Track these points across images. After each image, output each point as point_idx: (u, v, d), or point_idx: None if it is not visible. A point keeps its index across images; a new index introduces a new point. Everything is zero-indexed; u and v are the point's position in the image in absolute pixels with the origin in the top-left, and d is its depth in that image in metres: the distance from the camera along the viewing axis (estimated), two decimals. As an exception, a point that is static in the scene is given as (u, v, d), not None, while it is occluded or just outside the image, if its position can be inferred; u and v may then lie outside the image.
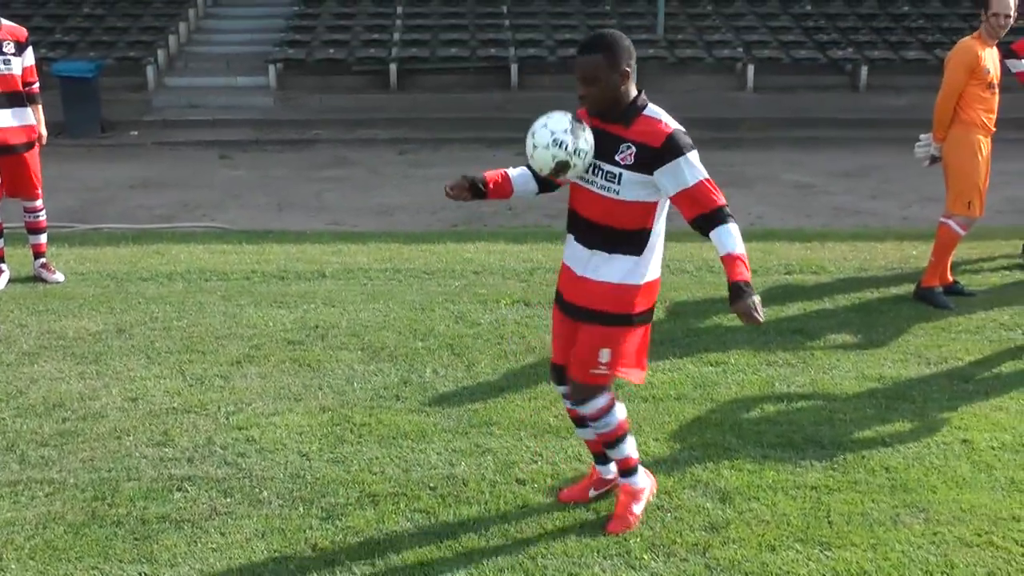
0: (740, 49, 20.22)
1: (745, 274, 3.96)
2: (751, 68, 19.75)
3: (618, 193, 4.08)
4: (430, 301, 7.65)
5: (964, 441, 5.40)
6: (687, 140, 4.05)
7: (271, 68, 19.49)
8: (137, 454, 5.21)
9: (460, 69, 19.87)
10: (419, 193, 12.59)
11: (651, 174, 4.01)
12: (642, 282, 4.22)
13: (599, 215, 4.17)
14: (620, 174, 4.06)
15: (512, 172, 4.64)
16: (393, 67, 19.57)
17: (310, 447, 5.30)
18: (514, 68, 19.61)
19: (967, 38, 7.57)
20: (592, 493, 4.76)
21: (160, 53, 19.89)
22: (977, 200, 7.52)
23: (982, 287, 7.99)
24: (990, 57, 7.45)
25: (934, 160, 7.75)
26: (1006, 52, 8.02)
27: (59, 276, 8.28)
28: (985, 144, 7.52)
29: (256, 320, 7.24)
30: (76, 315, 7.35)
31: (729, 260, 4.00)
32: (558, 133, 4.04)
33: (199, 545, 4.41)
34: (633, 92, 4.13)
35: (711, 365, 6.41)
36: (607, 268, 4.21)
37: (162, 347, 6.71)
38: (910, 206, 11.77)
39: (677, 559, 4.29)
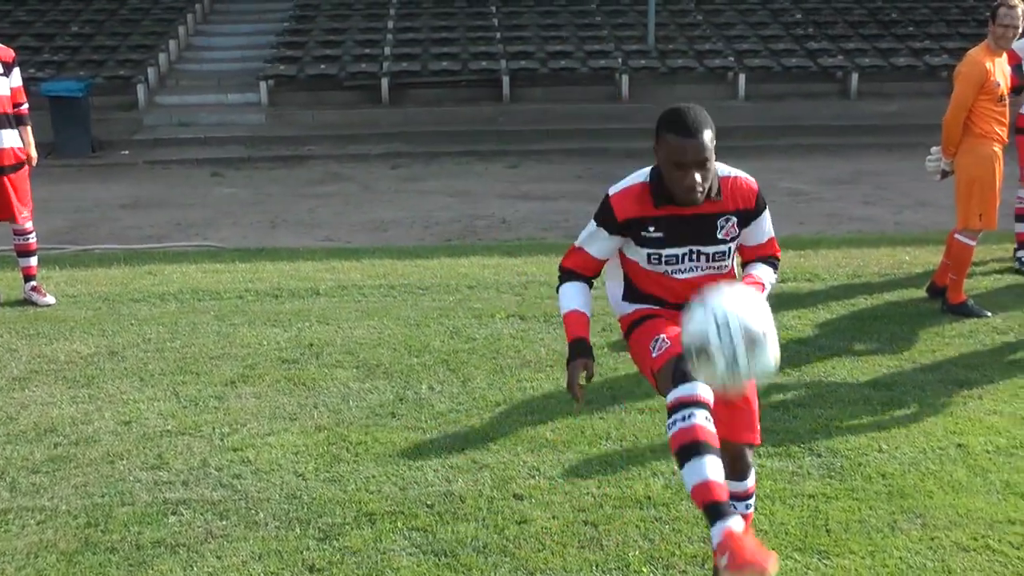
0: (731, 58, 20.26)
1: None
2: (742, 77, 19.79)
3: (725, 267, 3.80)
4: (425, 317, 7.64)
5: (959, 446, 5.40)
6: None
7: (262, 85, 19.51)
8: (131, 478, 5.18)
9: (451, 83, 19.89)
10: (412, 208, 12.59)
11: (740, 232, 3.76)
12: None
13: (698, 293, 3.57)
14: (728, 249, 3.75)
15: (582, 305, 3.95)
16: (384, 82, 19.59)
17: (306, 467, 5.28)
18: (506, 81, 19.64)
19: (975, 50, 7.49)
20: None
21: (150, 71, 19.88)
22: (989, 213, 7.47)
23: (975, 291, 7.99)
24: (999, 69, 7.41)
25: (945, 174, 7.71)
26: None
27: (50, 299, 8.25)
28: (998, 156, 7.48)
29: (250, 339, 7.22)
30: (67, 338, 7.34)
31: (750, 279, 3.80)
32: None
33: (195, 570, 4.38)
34: None
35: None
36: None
37: (155, 369, 6.69)
38: (903, 211, 11.79)
39: (676, 571, 4.28)
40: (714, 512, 3.23)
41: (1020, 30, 7.36)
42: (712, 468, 3.27)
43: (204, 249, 10.49)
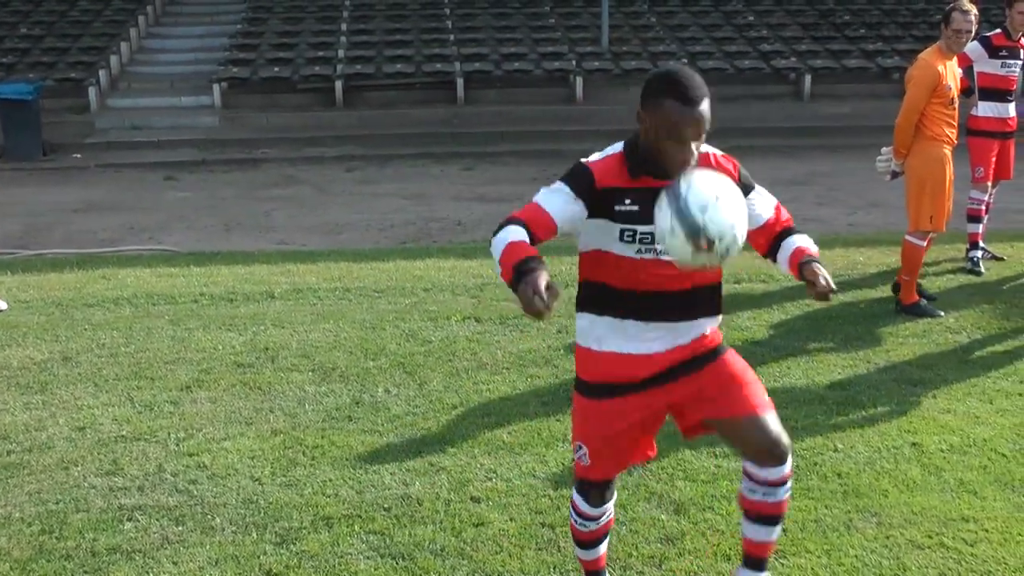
0: (684, 60, 20.33)
1: (814, 251, 3.49)
2: (696, 78, 19.89)
3: None
4: (380, 320, 7.62)
5: (914, 444, 5.46)
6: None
7: (215, 87, 19.37)
8: (86, 485, 5.13)
9: (406, 85, 19.86)
10: (367, 210, 12.56)
11: None
12: None
13: (686, 281, 3.42)
14: None
15: (522, 238, 3.39)
16: (339, 84, 19.51)
17: (262, 471, 5.25)
18: (460, 83, 19.63)
19: (927, 53, 7.54)
20: None
21: (102, 74, 19.67)
22: (940, 215, 7.54)
23: (927, 291, 8.07)
24: (950, 71, 7.48)
25: (895, 175, 7.79)
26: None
27: (2, 304, 8.15)
28: (948, 158, 7.55)
29: (205, 344, 7.17)
30: (20, 344, 7.24)
31: (800, 247, 3.49)
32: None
33: None
34: None
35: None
36: (707, 322, 3.57)
37: (109, 374, 6.62)
38: (855, 212, 11.91)
39: (633, 572, 4.30)
40: None
41: (972, 34, 7.45)
42: (599, 551, 3.96)
43: (158, 253, 10.40)
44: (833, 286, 3.34)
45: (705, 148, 3.37)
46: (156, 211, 12.80)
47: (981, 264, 8.82)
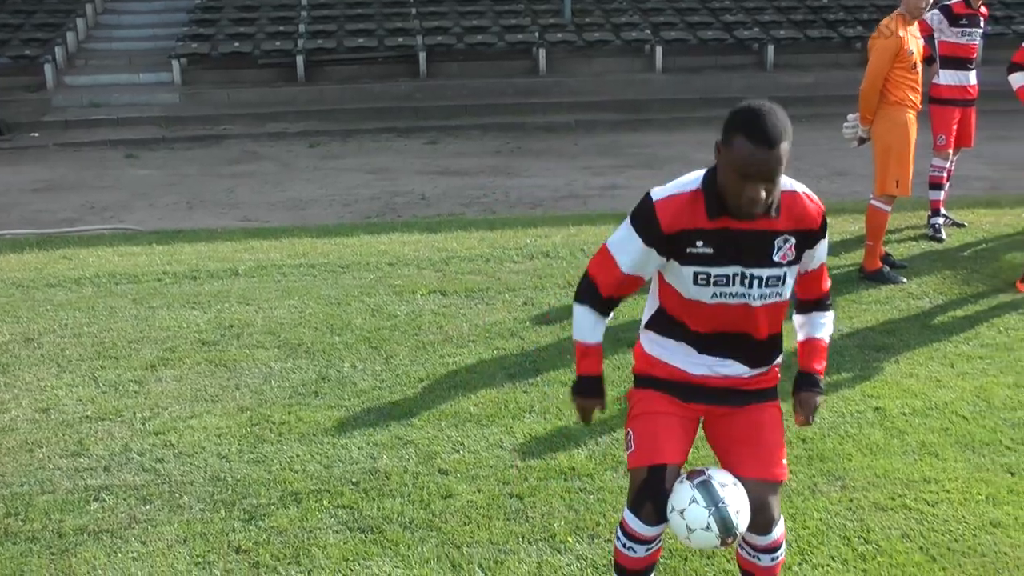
0: (648, 31, 20.35)
1: (823, 368, 3.56)
2: (659, 50, 19.90)
3: (781, 296, 3.29)
4: (346, 295, 7.60)
5: (877, 409, 5.52)
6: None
7: (175, 63, 19.16)
8: (51, 466, 5.09)
9: (368, 59, 19.73)
10: (331, 186, 12.49)
11: (802, 259, 3.30)
12: None
13: (751, 328, 3.33)
14: (783, 274, 3.24)
15: (598, 336, 3.54)
16: (300, 59, 19.36)
17: (229, 448, 5.24)
18: (422, 56, 19.52)
19: (888, 19, 7.58)
20: None
21: (58, 51, 19.39)
22: (905, 179, 7.62)
23: (896, 259, 8.12)
24: (912, 37, 7.54)
25: (862, 141, 7.84)
26: (1008, 67, 8.08)
27: (-38, 286, 8.07)
28: (913, 122, 7.62)
29: (169, 322, 7.13)
30: (-18, 325, 7.18)
31: (816, 347, 3.54)
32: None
33: (119, 555, 4.33)
34: None
35: (628, 346, 6.44)
36: (774, 351, 3.48)
37: (73, 354, 6.57)
38: (819, 181, 11.96)
39: (602, 540, 4.33)
40: None
41: (932, 1, 7.49)
42: None
43: (120, 232, 10.30)
44: (812, 421, 3.57)
45: (793, 186, 3.23)
46: (117, 189, 12.67)
47: (943, 231, 8.90)
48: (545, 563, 4.20)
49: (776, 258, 3.19)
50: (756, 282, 3.21)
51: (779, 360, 3.51)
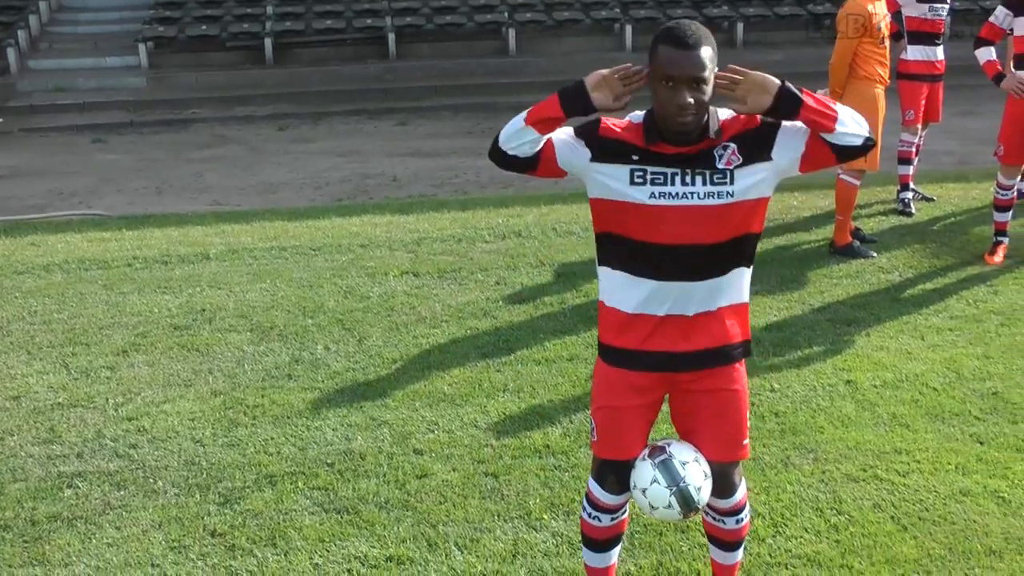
0: (617, 10, 20.32)
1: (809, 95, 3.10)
2: (629, 28, 19.87)
3: (732, 196, 3.12)
4: (318, 277, 7.58)
5: (848, 382, 5.57)
6: None
7: (141, 47, 18.97)
8: (23, 454, 5.07)
9: (337, 41, 19.61)
10: (302, 169, 12.44)
11: (770, 155, 3.14)
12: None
13: (702, 233, 3.15)
14: (731, 171, 3.11)
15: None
16: (268, 41, 19.21)
17: (203, 432, 5.23)
18: (391, 38, 19.43)
19: None
20: None
21: (21, 34, 19.14)
22: (873, 153, 7.64)
23: (867, 234, 8.17)
24: (879, 12, 7.56)
25: None
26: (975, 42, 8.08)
27: (-70, 274, 7.99)
28: (882, 97, 7.66)
29: (140, 307, 7.09)
30: (-50, 313, 7.12)
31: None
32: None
33: (93, 542, 4.32)
34: None
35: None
36: (728, 290, 3.29)
37: (43, 341, 6.53)
38: (788, 156, 12.00)
39: (577, 516, 4.34)
40: None
41: None
42: (610, 558, 3.66)
43: (89, 217, 10.22)
44: (733, 76, 3.06)
45: (729, 111, 3.14)
46: (85, 175, 12.57)
47: (912, 205, 8.95)
48: (521, 540, 4.22)
49: (720, 165, 3.10)
50: (699, 179, 3.09)
51: (745, 298, 3.32)
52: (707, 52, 2.98)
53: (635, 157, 3.12)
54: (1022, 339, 6.09)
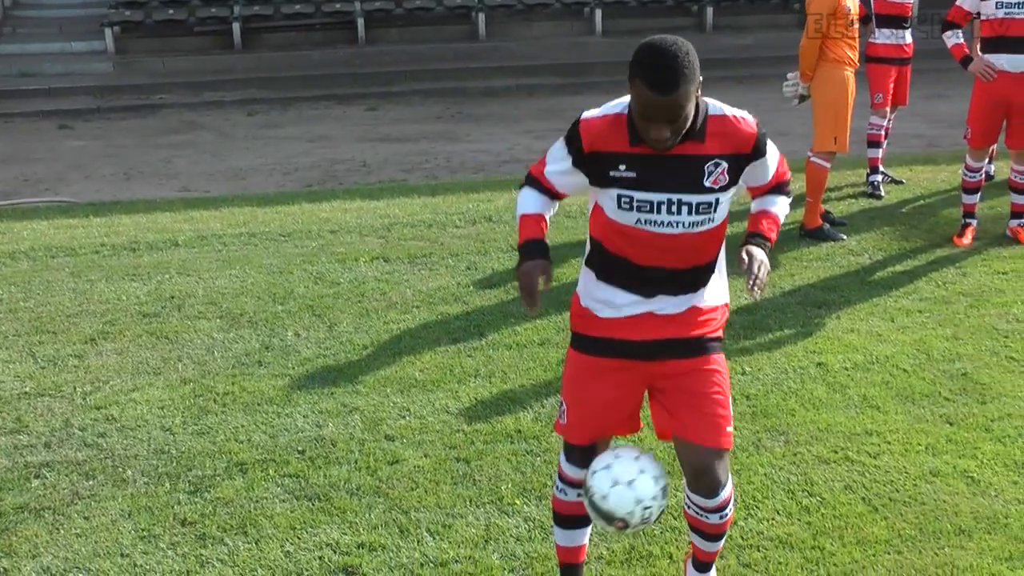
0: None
1: (773, 236, 3.39)
2: (599, 12, 19.86)
3: (713, 221, 3.20)
4: (288, 263, 7.53)
5: (819, 364, 5.59)
6: (762, 127, 3.24)
7: (107, 31, 18.81)
8: (-11, 442, 5.02)
9: (306, 26, 19.50)
10: (271, 154, 12.36)
11: (739, 180, 3.22)
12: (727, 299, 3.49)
13: (681, 259, 3.24)
14: (715, 200, 3.16)
15: (539, 209, 3.46)
16: (236, 26, 19.09)
17: (173, 421, 5.19)
18: (360, 23, 19.34)
19: None
20: None
21: (-17, 19, 18.98)
22: (843, 136, 7.69)
23: (836, 217, 8.19)
24: None
25: (803, 99, 7.88)
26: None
27: None
28: (852, 80, 7.69)
29: (108, 295, 7.02)
30: (-85, 302, 7.03)
31: (767, 214, 3.42)
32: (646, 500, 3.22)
33: (62, 532, 4.28)
34: None
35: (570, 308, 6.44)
36: (706, 295, 3.36)
37: (9, 330, 6.46)
38: (758, 140, 12.03)
39: (549, 501, 4.34)
40: (567, 573, 3.74)
41: None
42: (578, 538, 3.67)
43: (56, 204, 10.12)
44: (761, 279, 3.20)
45: (724, 110, 3.16)
46: (51, 161, 12.44)
47: (881, 188, 9.00)
48: (493, 525, 4.21)
49: (707, 183, 3.12)
50: (686, 208, 3.13)
51: (724, 300, 3.42)
52: (685, 91, 2.93)
53: (622, 167, 3.13)
54: (991, 320, 6.14)
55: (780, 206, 3.45)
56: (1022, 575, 3.83)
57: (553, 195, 3.40)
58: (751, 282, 3.20)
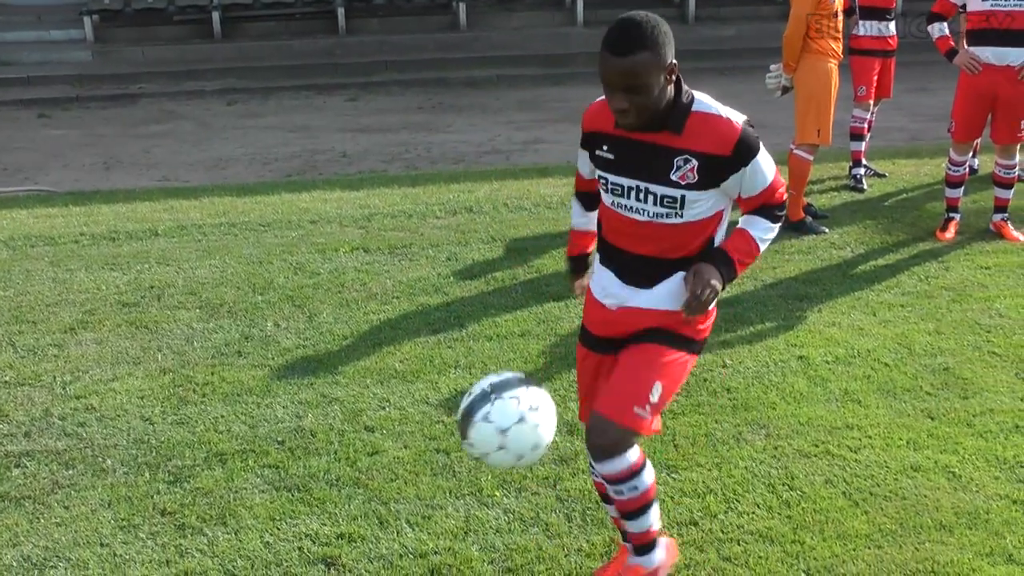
0: (571, -16, 20.25)
1: (741, 260, 3.32)
2: (580, 2, 19.78)
3: (681, 217, 3.21)
4: (267, 254, 7.50)
5: (800, 358, 5.59)
6: (754, 132, 3.21)
7: (86, 20, 18.63)
8: (-33, 432, 4.98)
9: (286, 15, 19.39)
10: (251, 144, 12.30)
11: (719, 185, 3.20)
12: None
13: (651, 247, 3.29)
14: (681, 196, 3.17)
15: (584, 223, 3.68)
16: (216, 15, 18.94)
17: (152, 411, 5.16)
18: (341, 12, 19.23)
19: None
20: None
21: (-38, 8, 18.79)
22: (826, 128, 7.69)
23: (819, 210, 8.20)
24: None
25: (785, 90, 7.88)
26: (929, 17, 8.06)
27: None
28: (835, 71, 7.69)
29: (88, 284, 6.98)
30: None
31: (741, 234, 3.34)
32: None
33: (42, 521, 4.26)
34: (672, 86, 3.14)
35: (553, 300, 6.45)
36: (668, 297, 3.34)
37: (-13, 318, 6.42)
38: (739, 133, 12.04)
39: (528, 493, 4.34)
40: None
41: None
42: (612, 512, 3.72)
43: (35, 194, 10.04)
44: (697, 302, 3.15)
45: (710, 107, 3.16)
46: (30, 151, 12.35)
47: (864, 181, 9.02)
48: (472, 517, 4.20)
49: (674, 177, 3.15)
50: (651, 198, 3.19)
51: (684, 310, 3.28)
52: (642, 58, 2.97)
53: (605, 147, 3.28)
54: (973, 315, 6.15)
55: (761, 230, 3.35)
56: (1002, 570, 3.85)
57: (587, 192, 3.58)
58: (685, 301, 3.20)
